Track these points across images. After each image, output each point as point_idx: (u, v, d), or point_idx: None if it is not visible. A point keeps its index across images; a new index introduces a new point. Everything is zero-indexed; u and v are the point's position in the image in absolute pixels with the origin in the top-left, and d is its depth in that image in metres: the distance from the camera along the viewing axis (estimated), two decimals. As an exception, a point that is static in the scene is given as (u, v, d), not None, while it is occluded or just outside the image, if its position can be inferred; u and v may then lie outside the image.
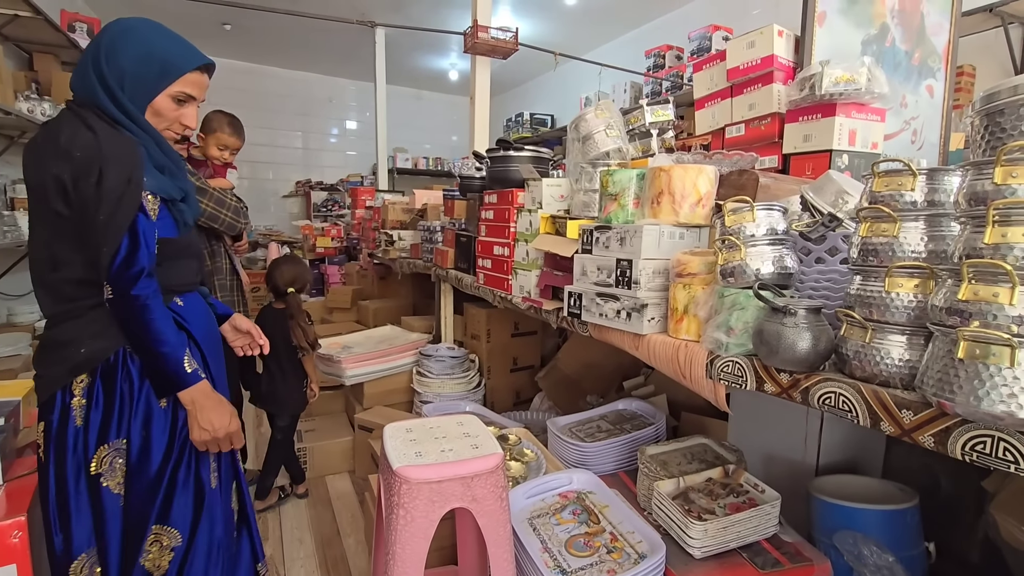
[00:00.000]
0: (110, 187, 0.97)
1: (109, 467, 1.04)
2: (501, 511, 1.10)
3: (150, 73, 1.06)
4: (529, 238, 1.70)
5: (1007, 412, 0.62)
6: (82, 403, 1.03)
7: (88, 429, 1.03)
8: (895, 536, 1.26)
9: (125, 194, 0.99)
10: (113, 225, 0.98)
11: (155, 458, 1.07)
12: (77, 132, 0.98)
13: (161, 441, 1.08)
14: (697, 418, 1.91)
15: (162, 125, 1.11)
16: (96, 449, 1.04)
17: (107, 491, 1.04)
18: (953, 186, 0.76)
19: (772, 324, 0.89)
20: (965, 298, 0.65)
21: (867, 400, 0.79)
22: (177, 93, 1.09)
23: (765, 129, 1.51)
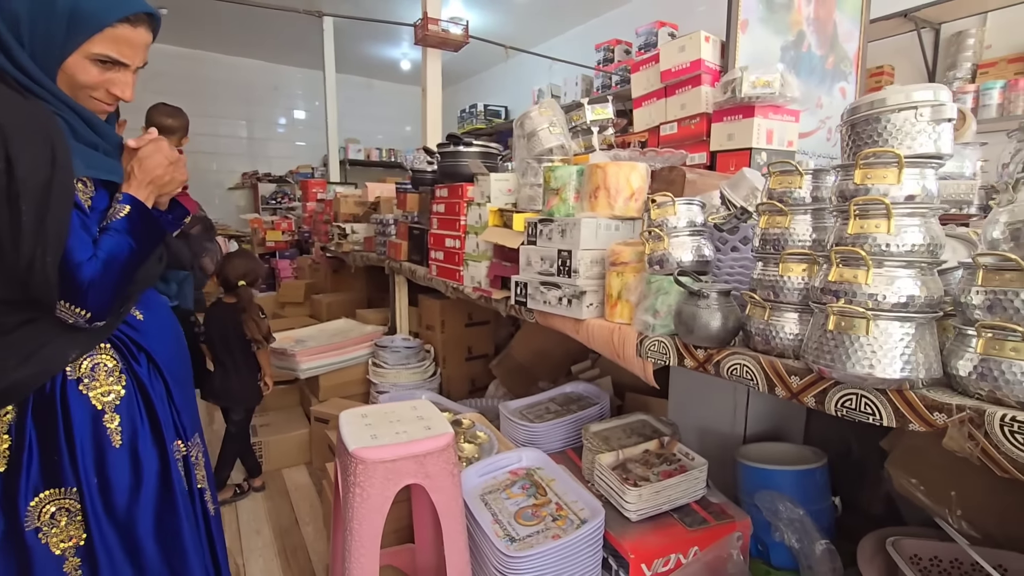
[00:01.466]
0: (27, 173, 0.74)
1: (50, 521, 0.85)
2: (453, 487, 1.18)
3: (55, 24, 0.80)
4: (479, 231, 1.77)
5: (868, 373, 0.75)
6: (6, 443, 0.84)
7: (16, 475, 0.83)
8: (805, 493, 1.42)
9: (53, 180, 0.76)
10: (51, 223, 0.76)
11: (119, 503, 0.90)
12: None
13: (123, 483, 0.90)
14: (640, 397, 2.05)
15: (82, 95, 0.87)
16: (31, 499, 0.84)
17: (43, 550, 0.85)
18: (831, 183, 0.89)
19: (689, 306, 1.01)
20: (834, 279, 0.78)
21: (764, 369, 0.91)
22: (98, 54, 0.84)
23: (695, 128, 1.63)
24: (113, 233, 0.87)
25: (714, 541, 1.32)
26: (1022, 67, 2.87)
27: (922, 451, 1.39)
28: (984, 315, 0.70)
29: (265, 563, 1.72)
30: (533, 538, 1.26)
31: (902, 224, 0.74)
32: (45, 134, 0.77)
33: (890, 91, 0.74)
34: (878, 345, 0.74)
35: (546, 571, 1.18)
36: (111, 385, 0.91)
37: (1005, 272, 0.67)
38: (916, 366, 0.73)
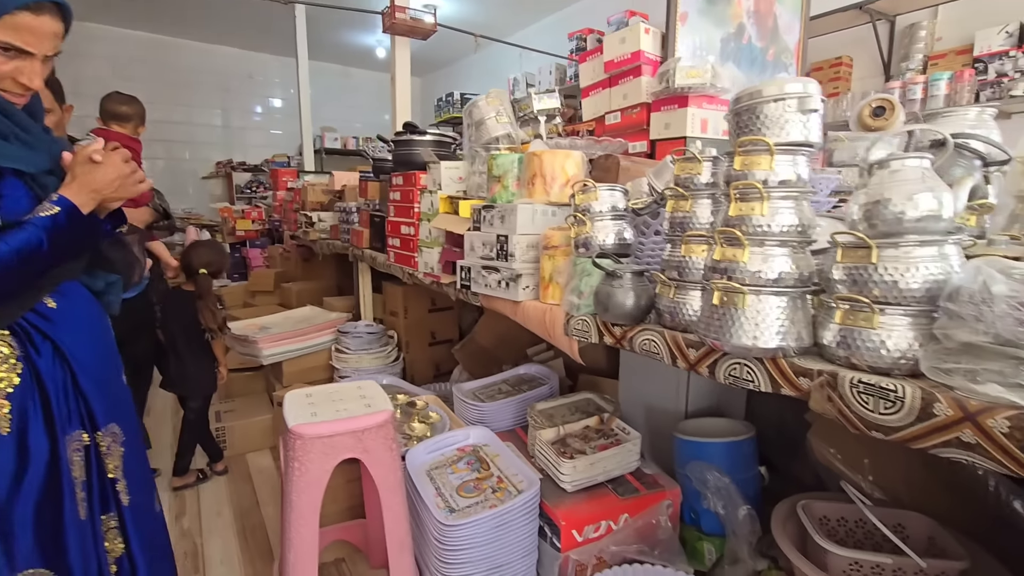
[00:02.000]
0: None
1: None
2: (391, 460, 1.24)
3: None
4: (431, 217, 1.82)
5: (750, 344, 0.82)
6: None
7: None
8: (733, 463, 1.50)
9: None
10: None
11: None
12: None
13: (5, 470, 0.90)
14: (592, 378, 2.12)
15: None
16: None
17: None
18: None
19: (605, 286, 1.07)
20: (718, 258, 0.84)
21: (668, 344, 0.98)
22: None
23: (636, 117, 1.69)
24: (30, 227, 0.88)
25: (645, 508, 1.40)
26: (969, 59, 2.97)
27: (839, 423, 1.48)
28: (843, 289, 0.77)
29: (224, 542, 1.77)
30: (472, 508, 1.33)
31: (776, 206, 0.81)
32: None
33: (766, 83, 0.80)
34: (756, 318, 0.81)
35: (481, 538, 1.25)
36: (4, 372, 0.91)
37: (859, 249, 0.75)
38: (788, 336, 0.80)
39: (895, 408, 0.68)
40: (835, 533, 1.29)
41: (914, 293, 0.71)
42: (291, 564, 1.16)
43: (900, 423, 0.68)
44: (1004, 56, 2.85)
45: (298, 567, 1.15)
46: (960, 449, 0.64)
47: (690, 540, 1.53)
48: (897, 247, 0.72)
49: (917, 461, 1.40)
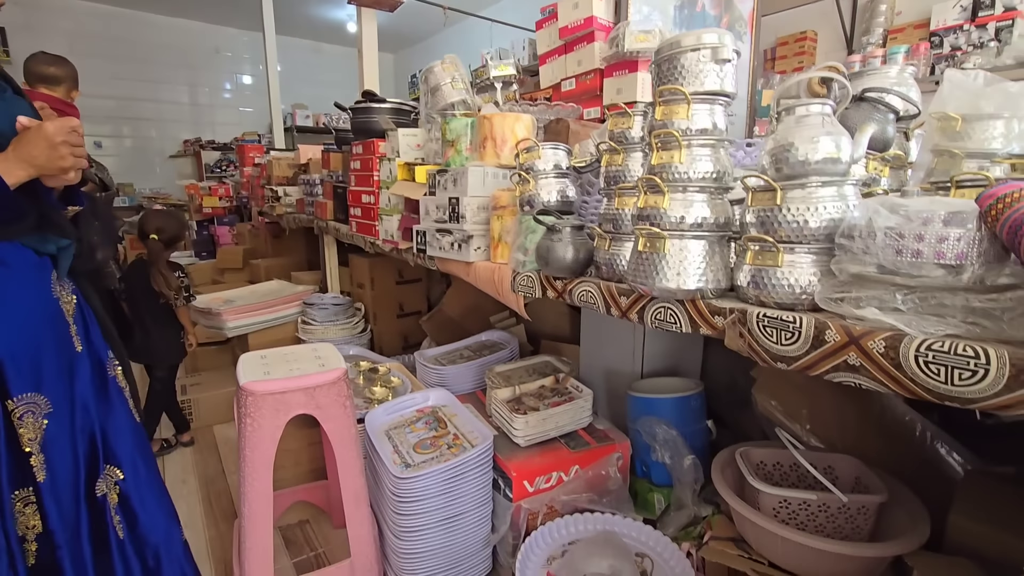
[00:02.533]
0: None
1: None
2: (345, 416, 1.27)
3: None
4: (390, 185, 1.82)
5: (674, 287, 0.86)
6: None
7: None
8: (681, 417, 1.57)
9: None
10: None
11: None
12: None
13: None
14: (553, 344, 2.17)
15: None
16: None
17: None
18: (657, 124, 0.99)
19: (546, 241, 1.10)
20: (643, 206, 0.88)
21: (603, 294, 1.02)
22: None
23: (590, 83, 1.71)
24: None
25: (595, 461, 1.46)
26: (925, 33, 3.04)
27: (781, 375, 1.55)
28: (755, 231, 0.81)
29: (188, 507, 1.79)
30: (427, 463, 1.37)
31: (695, 154, 0.84)
32: None
33: (684, 35, 0.83)
34: (678, 262, 0.85)
35: (435, 489, 1.29)
36: None
37: (767, 192, 0.79)
38: (707, 279, 0.85)
39: (794, 338, 0.73)
40: (770, 477, 1.37)
41: (815, 232, 0.75)
42: (247, 516, 1.19)
43: (798, 352, 0.73)
44: (958, 30, 2.93)
45: (254, 519, 1.18)
46: (848, 372, 0.69)
47: (641, 492, 1.60)
48: (800, 189, 0.76)
49: (851, 410, 1.48)
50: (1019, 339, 0.57)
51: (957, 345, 0.58)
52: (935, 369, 0.60)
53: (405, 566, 1.32)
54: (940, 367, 0.60)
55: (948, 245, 0.62)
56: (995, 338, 0.59)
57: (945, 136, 1.03)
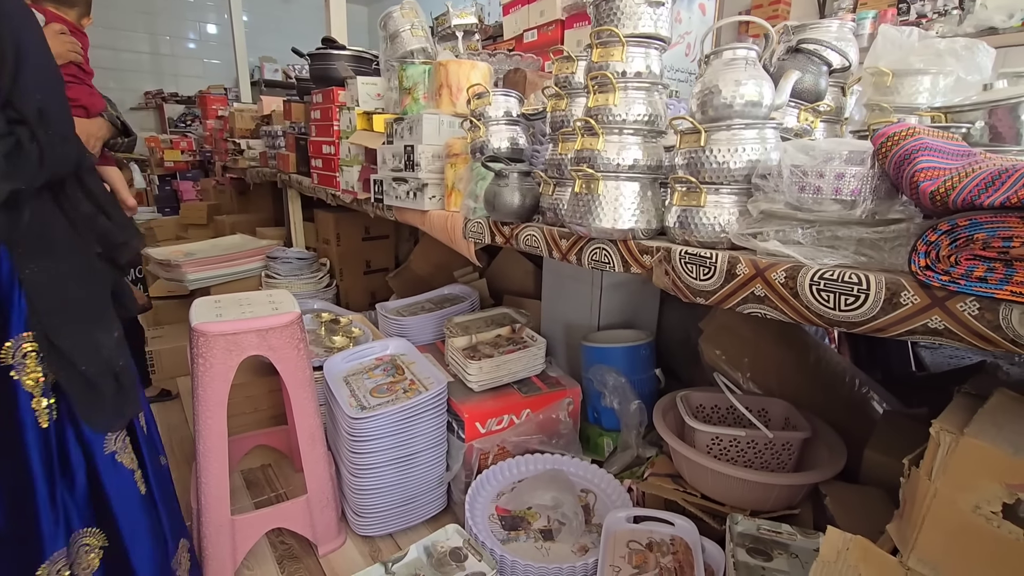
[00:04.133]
0: None
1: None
2: (298, 359, 1.30)
3: None
4: (349, 135, 1.80)
5: (609, 227, 0.89)
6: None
7: None
8: (631, 365, 1.64)
9: None
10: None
11: None
12: None
13: None
14: (516, 299, 2.21)
15: None
16: None
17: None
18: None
19: (493, 186, 1.12)
20: (579, 148, 0.90)
21: (545, 238, 1.06)
22: None
23: (551, 35, 1.70)
24: None
25: (546, 405, 1.52)
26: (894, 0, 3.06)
27: (727, 327, 1.63)
28: (683, 173, 0.84)
29: (151, 453, 1.82)
30: (382, 406, 1.41)
31: (630, 97, 0.86)
32: None
33: (619, -24, 0.83)
34: (613, 203, 0.88)
35: (388, 429, 1.34)
36: None
37: (693, 135, 0.82)
38: (639, 219, 0.89)
39: (710, 274, 0.78)
40: (709, 419, 1.45)
41: (735, 173, 0.79)
42: (202, 454, 1.22)
43: (714, 287, 0.78)
44: (925, -3, 2.95)
45: (208, 455, 1.22)
46: (755, 304, 0.74)
47: (592, 436, 1.68)
48: (724, 131, 0.79)
49: (789, 360, 1.56)
50: (898, 267, 0.63)
51: (844, 274, 0.63)
52: (826, 296, 0.65)
53: (361, 502, 1.38)
54: (830, 294, 0.65)
55: (845, 182, 0.66)
56: (879, 267, 0.64)
57: (877, 91, 1.07)
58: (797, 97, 0.95)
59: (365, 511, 1.39)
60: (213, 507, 1.23)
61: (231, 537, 1.27)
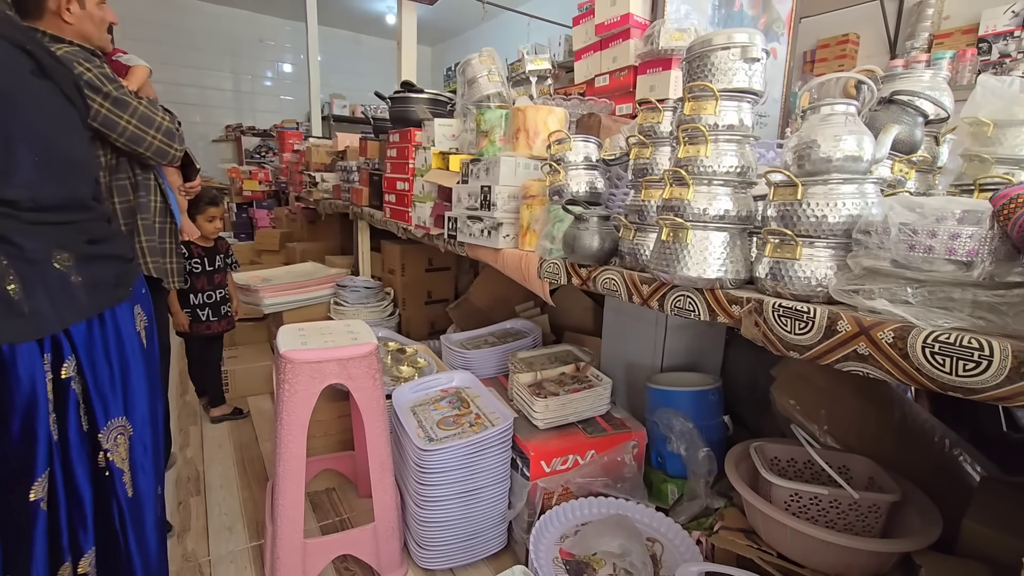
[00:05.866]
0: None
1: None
2: (374, 388, 1.34)
3: None
4: (424, 173, 1.89)
5: (695, 275, 0.90)
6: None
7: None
8: (698, 411, 1.60)
9: None
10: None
11: None
12: None
13: None
14: (576, 335, 2.21)
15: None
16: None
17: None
18: (686, 119, 1.02)
19: (573, 229, 1.15)
20: (668, 197, 0.92)
21: (625, 282, 1.07)
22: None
23: (623, 80, 1.74)
24: None
25: (611, 447, 1.50)
26: (973, 38, 2.95)
27: (802, 376, 1.57)
28: (775, 225, 0.84)
29: (223, 470, 1.90)
30: (449, 439, 1.43)
31: (720, 149, 0.88)
32: None
33: (715, 33, 0.86)
34: (700, 252, 0.89)
35: (455, 463, 1.36)
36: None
37: (788, 187, 0.82)
38: (727, 269, 0.89)
39: (807, 328, 0.77)
40: (784, 472, 1.39)
41: (834, 227, 0.78)
42: (281, 476, 1.27)
43: (811, 342, 0.77)
44: (1008, 36, 2.84)
45: (287, 478, 1.27)
46: (857, 362, 0.72)
47: (656, 482, 1.64)
48: (821, 185, 0.79)
49: (871, 414, 1.48)
50: (1022, 333, 0.60)
51: (962, 337, 0.61)
52: (940, 360, 0.63)
53: (425, 534, 1.39)
54: (945, 358, 0.63)
55: (960, 242, 0.64)
56: (999, 332, 0.62)
57: (976, 141, 1.04)
58: (892, 148, 0.94)
59: (428, 543, 1.40)
60: (288, 529, 1.28)
61: (302, 560, 1.30)
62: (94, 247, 0.97)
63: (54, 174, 0.91)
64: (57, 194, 0.91)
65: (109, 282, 0.98)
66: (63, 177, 0.93)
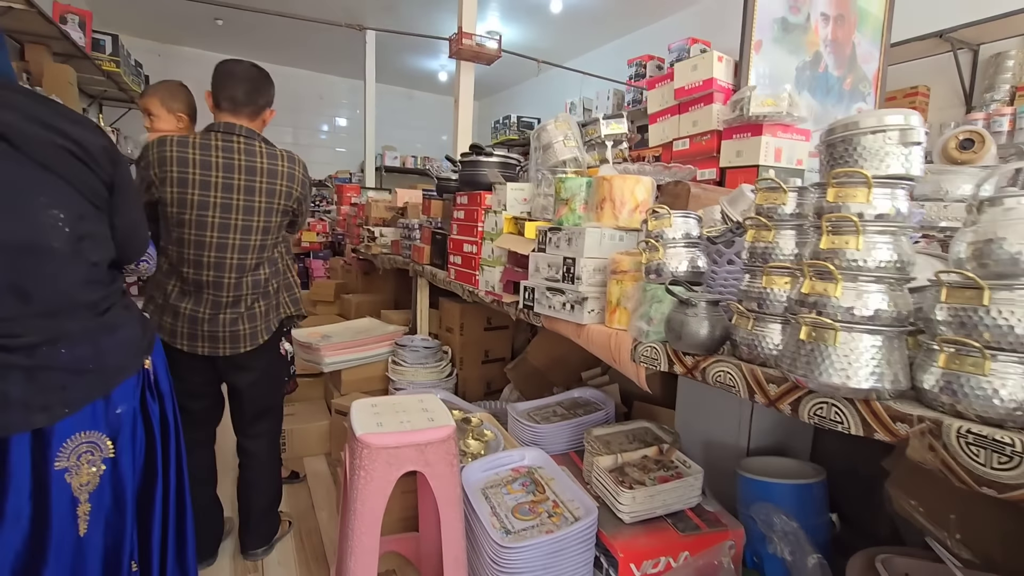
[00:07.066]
0: None
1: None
2: (451, 475, 1.25)
3: None
4: (494, 237, 1.85)
5: (839, 383, 0.78)
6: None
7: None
8: (802, 507, 1.43)
9: None
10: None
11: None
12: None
13: None
14: (647, 406, 2.07)
15: None
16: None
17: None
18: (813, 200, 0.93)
19: (678, 314, 1.05)
20: (807, 291, 0.82)
21: (745, 377, 0.95)
22: None
23: (706, 144, 1.67)
24: None
25: (706, 548, 1.34)
26: (1063, 89, 2.78)
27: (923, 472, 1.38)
28: (948, 331, 0.72)
29: (281, 544, 1.82)
30: (528, 532, 1.31)
31: (872, 241, 0.78)
32: None
33: (863, 115, 0.78)
34: (848, 357, 0.78)
35: (537, 563, 1.23)
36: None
37: (967, 290, 0.71)
38: (883, 378, 0.77)
39: (1011, 464, 0.64)
40: (918, 593, 1.20)
41: (1032, 340, 0.66)
42: (351, 572, 1.18)
43: (1017, 480, 0.63)
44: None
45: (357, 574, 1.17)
46: (1089, 513, 0.58)
47: (752, 586, 1.46)
48: (1012, 290, 0.67)
49: (1013, 522, 1.28)
50: None
51: None
52: None
53: (500, 641, 1.26)
54: None
55: None
56: None
57: None
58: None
59: (504, 652, 1.26)
60: (356, 632, 1.17)
61: (369, 666, 1.19)
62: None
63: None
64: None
65: (18, 401, 0.86)
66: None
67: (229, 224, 1.57)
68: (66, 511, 0.91)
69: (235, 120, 1.65)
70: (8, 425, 0.85)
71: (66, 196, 0.91)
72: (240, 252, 1.60)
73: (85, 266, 0.94)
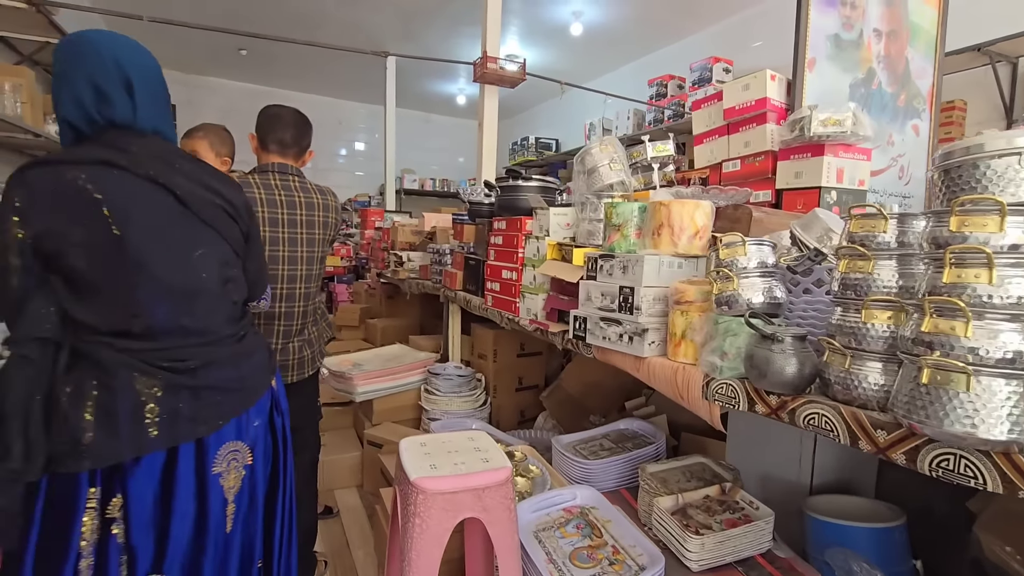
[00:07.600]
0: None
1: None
2: (510, 521, 1.17)
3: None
4: (536, 263, 1.79)
5: (967, 432, 0.70)
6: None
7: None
8: (884, 553, 1.32)
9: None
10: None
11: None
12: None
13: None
14: (696, 438, 1.98)
15: None
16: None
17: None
18: (919, 228, 0.86)
19: (762, 350, 0.98)
20: (928, 330, 0.74)
21: (847, 421, 0.87)
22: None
23: (759, 165, 1.61)
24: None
25: (782, 600, 1.24)
26: (1114, 101, 2.68)
27: (1018, 516, 1.27)
28: (1103, 376, 0.64)
29: (317, 586, 1.74)
30: (589, 583, 1.22)
31: (1005, 275, 0.70)
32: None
33: (988, 136, 0.71)
34: (980, 403, 0.70)
35: (603, 619, 1.14)
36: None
37: None
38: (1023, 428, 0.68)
39: None
40: (1031, 656, 1.08)
41: None
42: (405, 628, 1.10)
43: None
44: None
45: (413, 633, 1.09)
46: None
47: (829, 639, 1.34)
48: None
49: None
50: None
51: None
52: None
53: None
54: None
55: None
56: None
57: None
58: None
59: None
60: None
61: None
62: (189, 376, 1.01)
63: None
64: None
65: (186, 415, 1.00)
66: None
67: (296, 256, 1.67)
68: (219, 510, 1.06)
69: (283, 161, 1.76)
70: (179, 436, 0.99)
71: (219, 246, 1.09)
72: (306, 282, 1.69)
73: (228, 304, 1.11)
